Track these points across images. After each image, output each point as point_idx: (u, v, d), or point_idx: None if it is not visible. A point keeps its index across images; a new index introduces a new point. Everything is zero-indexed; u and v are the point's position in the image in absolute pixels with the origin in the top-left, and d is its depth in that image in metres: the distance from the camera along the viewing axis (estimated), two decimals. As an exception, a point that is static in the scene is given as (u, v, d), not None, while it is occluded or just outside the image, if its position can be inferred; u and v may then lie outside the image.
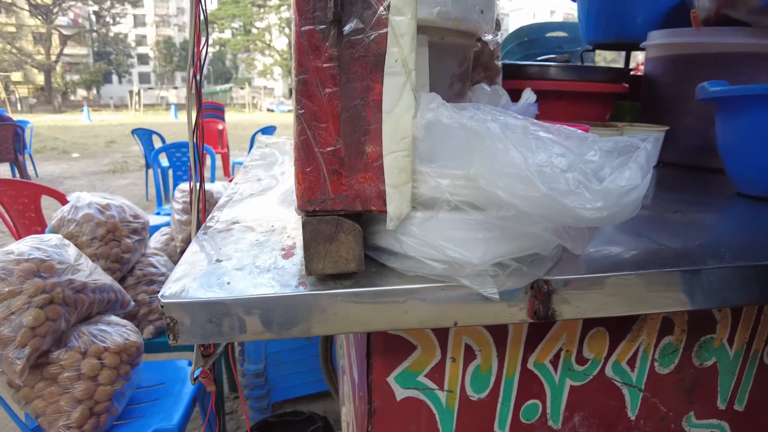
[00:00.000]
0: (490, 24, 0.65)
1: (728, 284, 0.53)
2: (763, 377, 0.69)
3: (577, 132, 0.47)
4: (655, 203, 0.80)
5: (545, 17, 54.91)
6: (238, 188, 0.84)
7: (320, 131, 0.41)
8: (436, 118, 0.40)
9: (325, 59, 0.39)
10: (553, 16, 54.91)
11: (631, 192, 0.38)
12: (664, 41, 1.19)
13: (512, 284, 0.46)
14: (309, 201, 0.42)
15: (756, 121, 0.78)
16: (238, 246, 0.55)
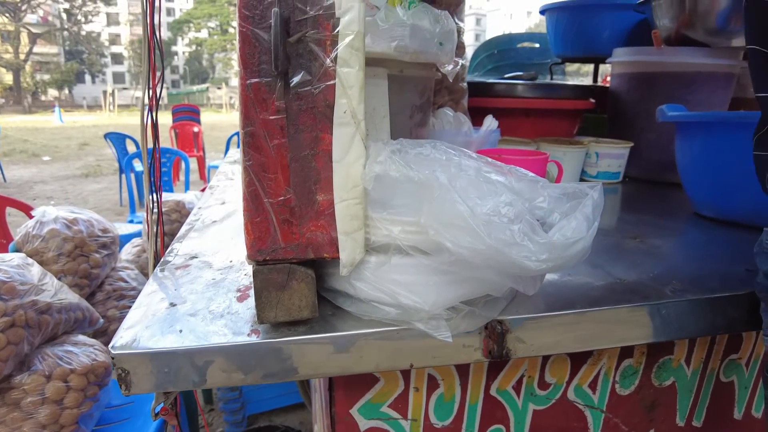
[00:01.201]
0: (450, 55, 0.65)
1: (678, 318, 0.55)
2: (719, 394, 0.71)
3: (528, 175, 0.48)
4: (616, 227, 0.81)
5: (522, 18, 55.51)
6: (201, 214, 0.83)
7: (269, 182, 0.41)
8: (385, 171, 0.40)
9: (272, 111, 0.39)
10: (530, 17, 55.53)
11: (576, 244, 0.39)
12: (627, 59, 1.21)
13: (466, 327, 0.47)
14: (259, 251, 0.42)
15: (711, 146, 0.80)
16: (193, 287, 0.54)
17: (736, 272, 0.62)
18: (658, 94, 1.16)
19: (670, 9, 1.14)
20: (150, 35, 0.54)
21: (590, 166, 1.16)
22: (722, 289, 0.57)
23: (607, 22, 1.37)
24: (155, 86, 0.55)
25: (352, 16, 0.39)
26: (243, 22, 0.37)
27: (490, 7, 58.12)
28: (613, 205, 1.03)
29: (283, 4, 0.38)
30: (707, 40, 1.10)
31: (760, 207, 0.78)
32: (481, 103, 1.13)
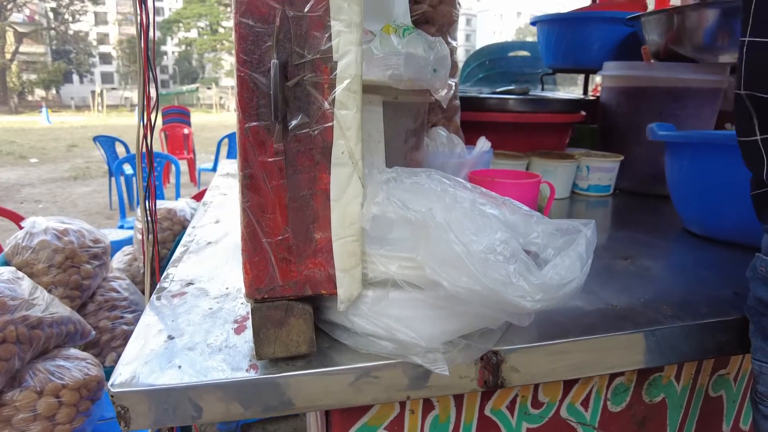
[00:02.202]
0: (444, 81, 0.66)
1: (668, 343, 0.56)
2: (708, 409, 0.72)
3: (522, 209, 0.49)
4: (608, 245, 0.82)
5: (512, 18, 55.74)
6: (196, 234, 0.83)
7: (267, 222, 0.41)
8: (383, 212, 0.40)
9: (270, 154, 0.40)
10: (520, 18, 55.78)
11: (569, 284, 0.39)
12: (617, 73, 1.23)
13: (463, 359, 0.47)
14: (257, 290, 0.42)
15: (698, 166, 0.81)
16: (190, 317, 0.55)
17: (725, 296, 0.63)
18: (648, 108, 1.18)
19: (658, 25, 1.15)
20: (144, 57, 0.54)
21: (581, 180, 1.17)
22: (711, 314, 0.58)
23: (598, 35, 1.39)
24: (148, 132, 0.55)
25: (349, 60, 0.40)
26: (241, 67, 0.38)
27: (480, 8, 58.32)
28: (605, 220, 1.04)
29: (281, 49, 0.38)
30: (695, 56, 1.12)
31: (746, 227, 0.79)
32: (473, 117, 1.14)
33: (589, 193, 1.17)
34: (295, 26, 0.38)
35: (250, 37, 0.38)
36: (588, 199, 1.16)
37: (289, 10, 0.38)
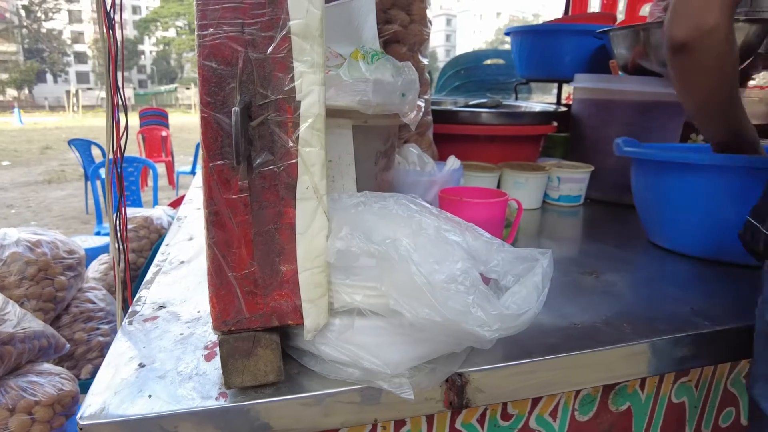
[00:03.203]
0: (412, 104, 0.67)
1: (629, 360, 0.59)
2: (671, 415, 0.75)
3: (484, 236, 0.50)
4: (575, 259, 0.85)
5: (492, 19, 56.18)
6: (169, 252, 0.83)
7: (233, 257, 0.42)
8: (347, 247, 0.42)
9: (235, 191, 0.40)
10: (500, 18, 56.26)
11: (525, 314, 0.41)
12: (588, 85, 1.26)
13: (428, 383, 0.49)
14: (224, 322, 0.43)
15: (662, 181, 0.84)
16: (162, 343, 0.55)
17: (683, 312, 0.66)
18: (617, 121, 1.21)
19: (625, 40, 1.19)
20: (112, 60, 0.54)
21: (552, 190, 1.20)
22: (670, 330, 0.61)
23: (569, 47, 1.42)
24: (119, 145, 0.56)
25: (312, 100, 0.41)
26: (205, 108, 0.39)
27: (460, 8, 58.66)
28: (574, 231, 1.07)
29: (245, 90, 0.39)
30: (660, 70, 1.15)
31: (705, 241, 0.83)
32: (446, 129, 1.16)
33: (560, 203, 1.20)
34: (258, 68, 0.39)
35: (214, 79, 0.38)
36: (559, 209, 1.19)
37: (252, 53, 0.39)
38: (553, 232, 1.04)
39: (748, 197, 0.76)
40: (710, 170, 0.78)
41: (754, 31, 1.06)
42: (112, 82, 0.56)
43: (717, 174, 0.78)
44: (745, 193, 0.76)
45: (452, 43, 56.31)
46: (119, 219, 0.58)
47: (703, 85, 0.72)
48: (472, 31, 56.56)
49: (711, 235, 0.82)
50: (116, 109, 0.56)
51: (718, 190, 0.79)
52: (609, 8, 2.02)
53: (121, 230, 0.59)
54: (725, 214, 0.79)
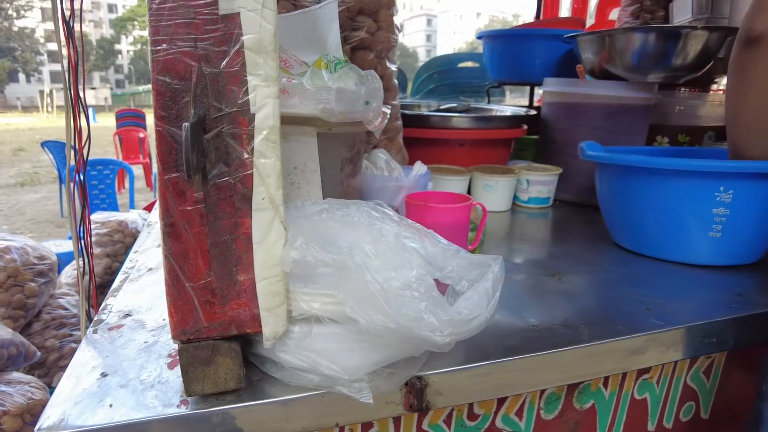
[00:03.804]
0: (377, 111, 0.68)
1: (587, 361, 0.60)
2: (634, 410, 0.77)
3: (441, 242, 0.52)
4: (540, 262, 0.87)
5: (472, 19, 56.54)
6: (138, 260, 0.83)
7: (190, 267, 0.43)
8: (302, 257, 0.43)
9: (191, 202, 0.41)
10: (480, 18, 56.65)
11: (476, 319, 0.43)
12: (556, 89, 1.28)
13: (387, 387, 0.50)
14: (183, 331, 0.44)
15: (624, 184, 0.87)
16: (126, 352, 0.55)
17: (639, 312, 0.68)
18: (585, 124, 1.24)
19: (592, 45, 1.21)
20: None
21: (522, 192, 1.22)
22: (626, 331, 0.63)
23: (539, 51, 1.45)
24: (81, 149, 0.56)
25: (266, 112, 0.41)
26: (159, 122, 0.39)
27: (441, 8, 58.91)
28: (542, 233, 1.09)
29: (199, 104, 0.40)
30: (626, 75, 1.19)
31: (664, 243, 0.86)
32: (417, 133, 1.17)
33: (529, 205, 1.22)
34: (212, 82, 0.40)
35: (168, 94, 0.39)
36: (528, 211, 1.21)
37: (205, 67, 0.40)
38: (521, 234, 1.06)
39: (708, 200, 0.79)
40: (671, 174, 0.81)
41: (713, 38, 1.10)
42: (73, 93, 0.56)
43: (677, 177, 0.80)
44: (704, 196, 0.79)
45: (433, 44, 56.55)
46: (83, 228, 0.58)
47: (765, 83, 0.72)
48: (452, 32, 56.87)
49: (671, 237, 0.84)
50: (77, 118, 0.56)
51: (678, 193, 0.81)
52: (579, 12, 2.06)
53: (86, 240, 0.59)
54: (685, 216, 0.82)
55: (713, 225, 0.80)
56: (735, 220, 0.79)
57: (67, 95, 0.54)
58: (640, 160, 0.82)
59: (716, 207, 0.78)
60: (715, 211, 0.79)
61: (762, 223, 0.81)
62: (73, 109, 0.57)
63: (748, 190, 0.77)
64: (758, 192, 0.78)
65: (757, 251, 0.86)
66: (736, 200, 0.77)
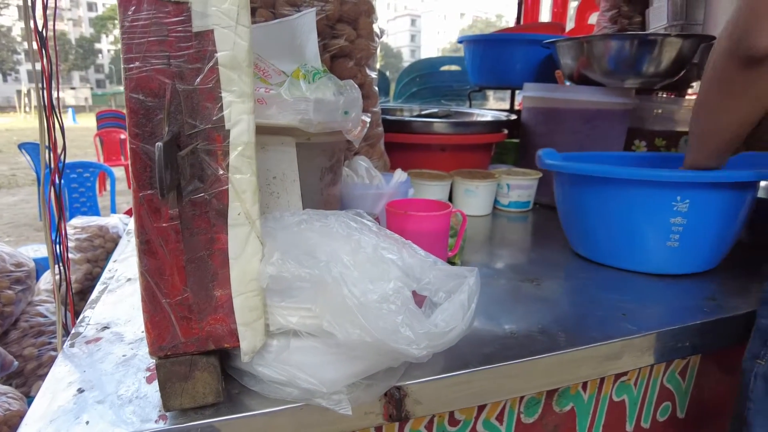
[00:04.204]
0: (356, 121, 0.69)
1: (564, 368, 0.61)
2: (613, 412, 0.79)
3: (419, 253, 0.52)
4: (518, 267, 0.88)
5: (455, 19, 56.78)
6: (117, 269, 0.82)
7: (166, 284, 0.42)
8: (278, 273, 0.43)
9: (166, 219, 0.41)
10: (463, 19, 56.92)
11: (452, 331, 0.43)
12: (535, 94, 1.30)
13: (366, 398, 0.50)
14: (160, 347, 0.44)
15: (582, 194, 0.87)
16: (103, 366, 0.55)
17: (614, 318, 0.69)
18: (564, 128, 1.26)
19: (570, 51, 1.23)
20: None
21: (502, 197, 1.23)
22: (602, 338, 0.64)
23: (519, 56, 1.46)
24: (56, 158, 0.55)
25: (241, 128, 0.42)
26: (133, 140, 0.39)
27: (425, 9, 59.08)
28: (522, 237, 1.10)
29: (173, 121, 0.40)
30: (603, 80, 1.20)
31: (622, 253, 0.86)
32: (399, 138, 1.18)
33: (509, 209, 1.24)
34: (186, 99, 0.40)
35: (141, 111, 0.39)
36: (508, 215, 1.23)
37: (179, 84, 0.39)
38: (501, 238, 1.07)
39: (665, 210, 0.80)
40: (629, 184, 0.80)
41: (687, 45, 1.12)
42: (47, 104, 0.55)
43: (636, 187, 0.79)
44: (661, 206, 0.79)
45: (417, 44, 56.70)
46: (60, 242, 0.57)
47: (755, 106, 0.65)
48: (436, 32, 57.06)
49: (629, 247, 0.85)
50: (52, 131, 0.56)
51: (636, 203, 0.80)
52: (559, 17, 2.09)
53: (62, 254, 0.58)
54: (644, 226, 0.81)
55: (671, 234, 0.80)
56: (692, 229, 0.79)
57: (41, 112, 0.54)
58: (598, 169, 0.80)
59: (673, 216, 0.78)
60: (672, 220, 0.79)
61: (718, 232, 0.81)
62: (47, 119, 0.57)
63: (705, 200, 0.77)
64: (714, 201, 0.78)
65: (713, 260, 0.87)
66: (692, 210, 0.77)
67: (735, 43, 0.59)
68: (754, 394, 0.65)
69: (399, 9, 59.76)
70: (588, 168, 0.82)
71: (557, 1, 2.07)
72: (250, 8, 0.83)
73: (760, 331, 0.66)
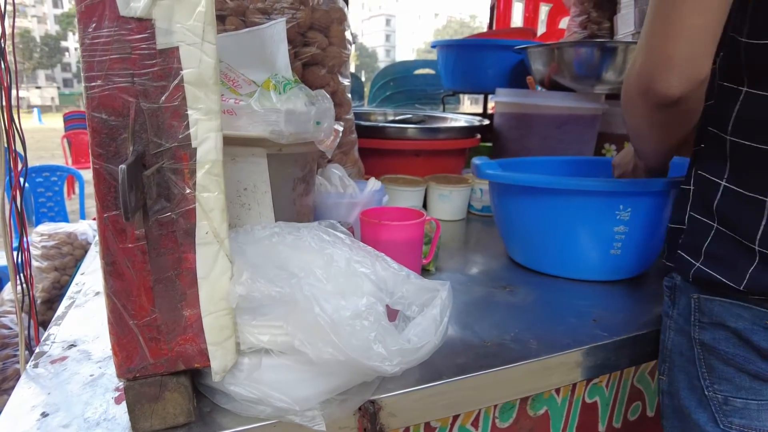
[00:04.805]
0: (328, 131, 0.68)
1: (535, 375, 0.62)
2: (585, 414, 0.80)
3: (392, 266, 0.52)
4: (493, 274, 0.89)
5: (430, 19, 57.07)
6: (84, 282, 0.80)
7: (133, 305, 0.42)
8: (248, 293, 0.42)
9: (132, 240, 0.40)
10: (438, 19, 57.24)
11: (424, 347, 0.43)
12: (507, 100, 1.31)
13: (341, 413, 0.50)
14: (128, 369, 0.43)
15: (511, 203, 0.87)
16: (70, 387, 0.53)
17: (585, 325, 0.71)
18: (535, 133, 1.28)
19: (541, 57, 1.25)
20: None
21: (476, 201, 1.24)
22: (573, 344, 0.65)
23: (491, 61, 1.48)
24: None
25: (208, 146, 0.41)
26: (96, 160, 0.38)
27: (399, 9, 59.22)
28: (496, 242, 1.11)
29: (138, 140, 0.39)
30: (573, 86, 1.23)
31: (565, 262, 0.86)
32: (373, 144, 1.18)
33: (483, 213, 1.25)
34: (151, 117, 0.39)
35: (105, 131, 0.38)
36: (482, 219, 1.24)
37: (144, 103, 0.39)
38: (475, 244, 1.08)
39: (609, 219, 0.80)
40: (574, 194, 0.80)
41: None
42: (6, 118, 0.54)
43: (581, 197, 0.80)
44: (605, 216, 0.80)
45: (392, 43, 56.81)
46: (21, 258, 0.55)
47: (679, 132, 0.65)
48: (411, 32, 57.26)
49: (574, 257, 0.86)
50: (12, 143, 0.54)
51: (581, 213, 0.81)
52: (530, 21, 2.12)
53: (24, 273, 0.56)
54: (588, 236, 0.82)
55: (614, 243, 0.81)
56: (632, 236, 0.81)
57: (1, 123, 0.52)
58: (544, 180, 0.80)
59: (617, 225, 0.80)
60: (615, 229, 0.80)
61: (653, 237, 0.83)
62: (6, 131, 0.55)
63: (644, 207, 0.79)
64: (652, 208, 0.80)
65: (647, 263, 0.89)
66: (633, 217, 0.79)
67: (644, 88, 0.57)
68: (665, 411, 0.68)
69: (374, 9, 59.79)
70: (536, 179, 0.81)
71: (529, 6, 2.10)
72: (220, 15, 0.82)
73: (661, 345, 0.68)
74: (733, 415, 0.59)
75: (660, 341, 0.69)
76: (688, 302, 0.62)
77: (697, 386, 0.61)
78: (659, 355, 0.69)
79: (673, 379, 0.65)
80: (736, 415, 0.59)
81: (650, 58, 0.55)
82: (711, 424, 0.60)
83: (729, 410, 0.59)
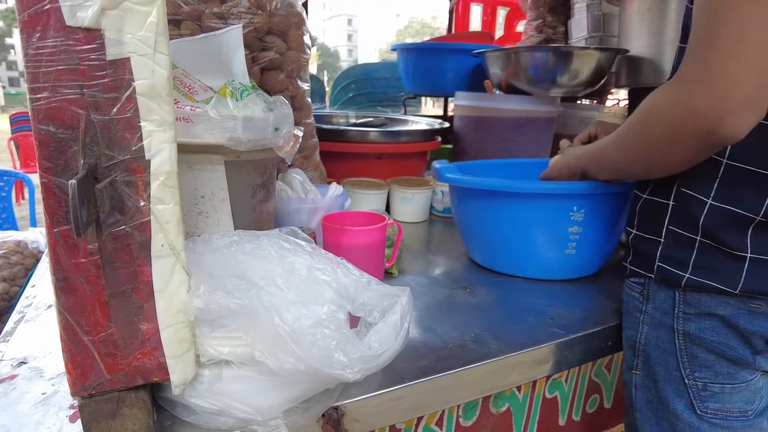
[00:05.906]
0: (288, 137, 0.68)
1: (495, 375, 0.64)
2: (546, 409, 0.82)
3: (353, 273, 0.53)
4: (454, 275, 0.90)
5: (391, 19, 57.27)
6: (36, 295, 0.77)
7: (87, 321, 0.41)
8: (206, 305, 0.42)
9: (84, 255, 0.39)
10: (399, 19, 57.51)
11: (385, 353, 0.44)
12: (466, 103, 1.34)
13: (304, 421, 0.50)
14: (83, 387, 0.42)
15: (483, 207, 0.88)
16: (20, 407, 0.52)
17: (543, 323, 0.73)
18: (493, 136, 1.31)
19: (498, 61, 1.28)
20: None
21: (437, 203, 1.26)
22: (530, 343, 0.67)
23: (450, 65, 1.50)
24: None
25: (163, 158, 0.40)
26: (45, 174, 0.37)
27: (361, 9, 59.20)
28: (457, 243, 1.13)
29: (89, 152, 0.38)
30: (530, 89, 1.26)
31: (521, 262, 0.89)
32: (335, 147, 1.18)
33: (444, 214, 1.27)
34: (103, 129, 0.38)
35: (53, 144, 0.37)
36: (444, 221, 1.25)
37: (94, 115, 0.38)
38: (437, 245, 1.10)
39: (563, 220, 0.82)
40: (529, 197, 0.82)
41: (604, 57, 1.19)
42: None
43: (536, 200, 0.82)
44: (560, 217, 0.82)
45: (354, 43, 56.76)
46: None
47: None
48: (373, 32, 57.34)
49: (530, 257, 0.88)
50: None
51: (536, 215, 0.83)
52: (488, 25, 2.16)
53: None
54: (544, 237, 0.85)
55: (569, 243, 0.84)
56: (586, 236, 0.83)
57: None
58: (501, 184, 0.82)
59: (571, 226, 0.82)
60: (570, 229, 0.83)
61: (607, 236, 0.86)
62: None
63: (597, 208, 0.81)
64: (605, 209, 0.82)
65: (601, 261, 0.92)
66: (587, 218, 0.81)
67: (707, 129, 0.49)
68: (638, 404, 0.70)
69: (335, 9, 59.57)
70: (493, 183, 0.83)
71: (487, 10, 2.14)
72: (175, 20, 0.81)
73: (629, 341, 0.70)
74: (709, 399, 0.61)
75: (625, 337, 0.71)
76: (668, 296, 0.63)
77: (676, 376, 0.63)
78: (628, 351, 0.71)
79: (650, 371, 0.67)
80: (712, 400, 0.61)
81: (720, 98, 0.47)
82: (688, 411, 0.62)
83: (706, 395, 0.61)
